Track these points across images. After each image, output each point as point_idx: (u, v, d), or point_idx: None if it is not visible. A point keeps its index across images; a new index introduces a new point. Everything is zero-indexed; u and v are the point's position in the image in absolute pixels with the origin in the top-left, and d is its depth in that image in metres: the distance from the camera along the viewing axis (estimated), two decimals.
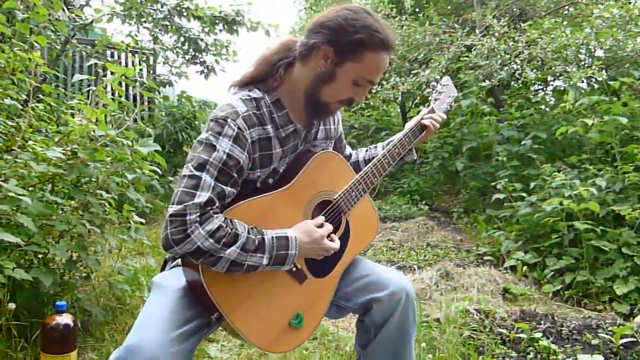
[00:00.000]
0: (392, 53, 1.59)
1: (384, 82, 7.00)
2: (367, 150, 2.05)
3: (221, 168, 1.45)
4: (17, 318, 2.34)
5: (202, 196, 1.40)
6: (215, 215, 1.41)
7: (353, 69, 1.54)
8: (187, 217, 1.36)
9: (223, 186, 1.45)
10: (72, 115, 3.06)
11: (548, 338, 2.84)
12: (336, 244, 1.64)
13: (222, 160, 1.45)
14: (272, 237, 1.48)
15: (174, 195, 1.41)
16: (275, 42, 1.69)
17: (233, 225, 1.43)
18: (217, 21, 6.92)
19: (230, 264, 1.41)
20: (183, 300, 1.50)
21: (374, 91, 7.08)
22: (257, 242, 1.45)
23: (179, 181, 1.44)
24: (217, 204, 1.43)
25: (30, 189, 2.47)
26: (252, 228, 1.47)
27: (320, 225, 1.62)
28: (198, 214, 1.37)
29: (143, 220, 3.00)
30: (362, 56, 1.53)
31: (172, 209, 1.38)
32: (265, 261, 1.46)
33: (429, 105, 2.05)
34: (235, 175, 1.49)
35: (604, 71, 5.88)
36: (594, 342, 2.82)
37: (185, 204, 1.37)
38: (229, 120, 1.49)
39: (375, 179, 1.81)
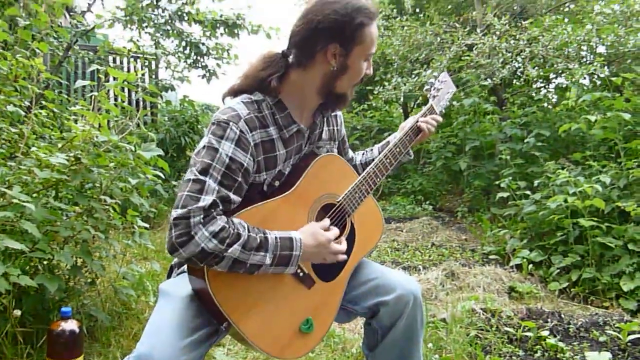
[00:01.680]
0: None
1: (386, 83, 7.00)
2: (363, 154, 2.05)
3: (224, 172, 1.44)
4: (23, 324, 2.34)
5: (206, 200, 1.39)
6: (218, 217, 1.40)
7: (360, 51, 1.58)
8: (191, 220, 1.36)
9: (227, 191, 1.44)
10: (75, 121, 3.06)
11: (555, 336, 2.83)
12: (343, 247, 1.63)
13: (225, 163, 1.45)
14: (276, 237, 1.48)
15: (178, 199, 1.40)
16: (257, 57, 1.66)
17: (234, 225, 1.42)
18: (218, 25, 6.94)
19: (232, 263, 1.40)
20: (191, 307, 1.49)
21: (376, 92, 7.08)
22: (259, 241, 1.44)
23: (183, 185, 1.43)
24: (220, 207, 1.42)
25: (34, 195, 2.47)
26: (253, 228, 1.46)
27: (327, 229, 1.61)
28: (202, 216, 1.37)
29: (147, 225, 3.00)
30: (363, 37, 1.56)
31: (176, 212, 1.37)
32: (268, 260, 1.45)
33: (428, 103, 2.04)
34: (240, 179, 1.48)
35: (605, 67, 5.86)
36: (602, 339, 2.81)
37: (189, 208, 1.36)
38: (231, 123, 1.49)
39: (378, 179, 1.80)
